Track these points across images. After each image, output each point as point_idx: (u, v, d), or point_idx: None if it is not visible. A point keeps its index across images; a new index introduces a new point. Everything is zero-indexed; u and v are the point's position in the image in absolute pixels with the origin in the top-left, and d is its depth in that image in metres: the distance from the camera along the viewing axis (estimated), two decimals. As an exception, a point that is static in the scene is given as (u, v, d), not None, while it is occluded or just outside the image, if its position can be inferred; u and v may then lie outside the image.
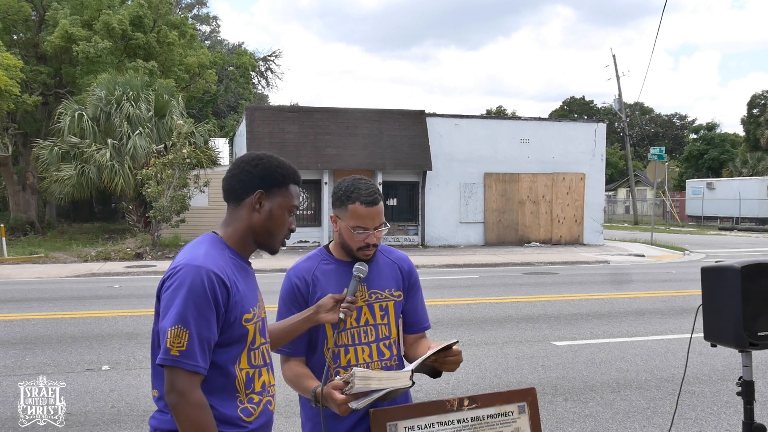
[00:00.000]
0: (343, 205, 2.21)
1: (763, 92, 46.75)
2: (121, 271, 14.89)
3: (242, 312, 1.83)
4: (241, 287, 1.85)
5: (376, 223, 2.21)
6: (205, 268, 1.76)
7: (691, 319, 2.76)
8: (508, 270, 15.76)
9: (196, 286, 1.73)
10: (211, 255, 1.82)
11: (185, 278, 1.74)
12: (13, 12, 24.06)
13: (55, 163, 19.63)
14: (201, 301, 1.73)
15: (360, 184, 2.23)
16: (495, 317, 9.22)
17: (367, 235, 2.20)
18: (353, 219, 2.18)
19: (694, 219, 38.87)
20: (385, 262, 2.35)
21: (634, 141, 57.09)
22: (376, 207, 2.20)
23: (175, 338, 1.70)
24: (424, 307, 2.46)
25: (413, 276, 2.41)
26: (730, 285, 2.52)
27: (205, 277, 1.74)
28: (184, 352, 1.70)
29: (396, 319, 2.34)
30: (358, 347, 2.23)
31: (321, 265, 2.28)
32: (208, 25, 45.45)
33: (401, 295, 2.35)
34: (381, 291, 2.29)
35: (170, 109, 20.49)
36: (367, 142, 20.61)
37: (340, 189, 2.24)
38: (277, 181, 1.92)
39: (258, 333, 1.90)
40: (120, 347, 7.29)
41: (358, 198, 2.18)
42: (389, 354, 2.29)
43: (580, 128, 22.85)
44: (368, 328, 2.26)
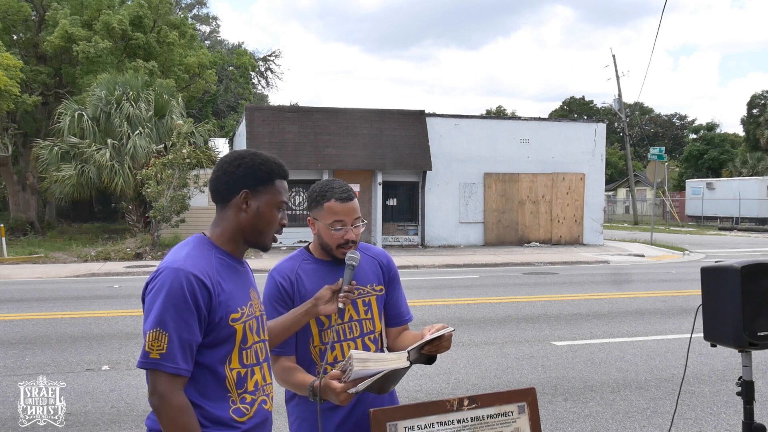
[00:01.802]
0: (319, 204, 2.26)
1: (762, 92, 46.78)
2: (121, 271, 14.88)
3: (228, 312, 1.81)
4: (228, 287, 1.84)
5: (352, 218, 2.25)
6: (185, 270, 1.75)
7: (691, 319, 2.76)
8: (508, 270, 15.76)
9: (175, 288, 1.73)
10: (192, 256, 1.81)
11: (165, 281, 1.75)
12: (13, 12, 24.06)
13: (54, 163, 19.62)
14: (180, 303, 1.73)
15: (333, 183, 2.28)
16: (495, 317, 9.22)
17: (346, 231, 2.24)
18: (330, 216, 2.23)
19: (693, 219, 38.89)
20: (364, 259, 2.39)
21: (634, 141, 57.09)
22: (351, 203, 2.25)
23: (154, 341, 1.71)
24: (405, 300, 2.52)
25: (392, 270, 2.47)
26: (730, 285, 2.52)
27: (184, 279, 1.74)
28: (164, 355, 1.70)
29: (379, 314, 2.39)
30: (344, 343, 2.27)
31: (303, 264, 2.32)
32: (208, 25, 45.46)
33: (383, 290, 2.40)
34: (363, 286, 2.34)
35: (170, 109, 20.51)
36: (367, 142, 20.62)
37: (314, 191, 2.30)
38: (262, 179, 1.90)
39: (250, 331, 1.88)
40: (120, 347, 7.29)
41: (332, 195, 2.23)
42: (374, 348, 2.34)
43: (580, 128, 22.85)
44: (353, 323, 2.30)
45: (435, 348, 2.10)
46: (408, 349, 2.07)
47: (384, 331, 2.45)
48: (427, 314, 9.10)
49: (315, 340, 2.26)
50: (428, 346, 2.08)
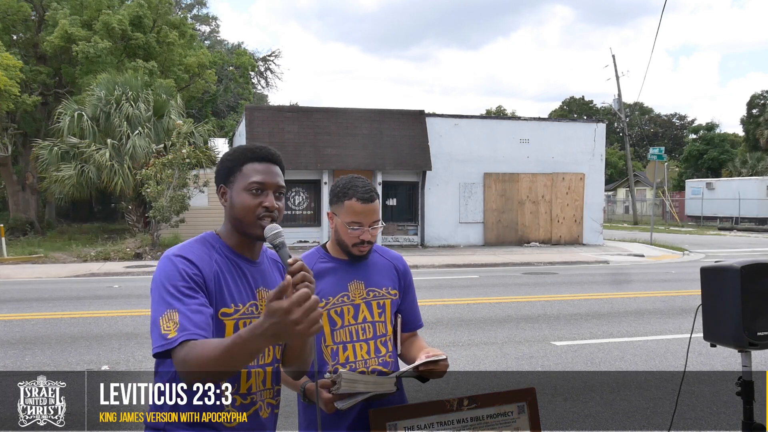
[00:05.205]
0: (340, 201, 2.26)
1: (762, 92, 46.77)
2: (121, 271, 14.88)
3: (221, 305, 1.79)
4: (226, 281, 1.82)
5: (371, 220, 2.25)
6: (174, 254, 1.79)
7: (691, 319, 2.76)
8: (508, 270, 15.76)
9: (169, 270, 1.76)
10: (188, 246, 1.84)
11: (160, 268, 1.78)
12: (12, 12, 24.06)
13: (54, 163, 19.61)
14: (179, 282, 1.74)
15: (357, 181, 2.27)
16: (494, 317, 9.22)
17: (362, 231, 2.24)
18: (349, 215, 2.23)
19: (693, 219, 38.88)
20: (381, 261, 2.39)
21: (634, 141, 57.09)
22: (372, 204, 2.25)
23: (168, 321, 1.68)
24: (418, 307, 2.53)
25: (408, 276, 2.47)
26: (730, 285, 2.52)
27: (175, 259, 1.77)
28: (180, 329, 1.66)
29: (392, 317, 2.38)
30: (356, 344, 2.27)
31: (318, 264, 2.31)
32: (208, 25, 45.47)
33: (397, 294, 2.40)
34: (378, 289, 2.34)
35: (168, 109, 20.50)
36: (367, 142, 20.62)
37: (337, 186, 2.29)
38: (230, 169, 1.89)
39: None
40: (120, 347, 7.29)
41: (354, 194, 2.23)
42: (385, 351, 2.33)
43: (580, 128, 22.85)
44: (366, 325, 2.29)
45: (428, 372, 2.13)
46: (396, 374, 2.11)
47: (398, 335, 2.44)
48: (427, 314, 9.07)
49: (327, 339, 2.25)
50: (422, 366, 2.11)
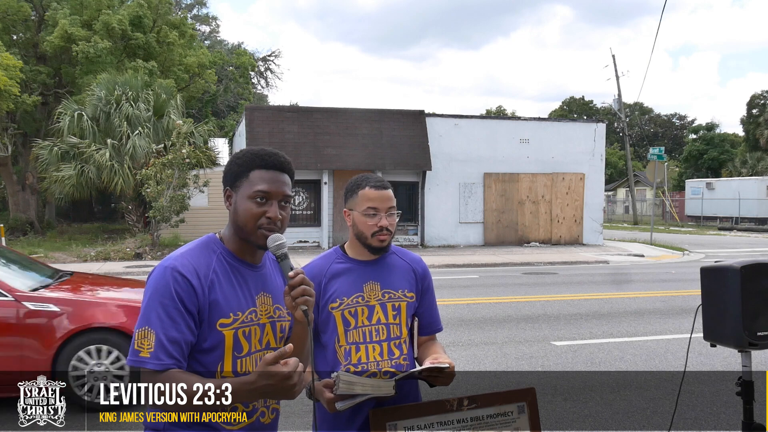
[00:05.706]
0: (354, 193, 2.30)
1: (762, 92, 46.75)
2: (121, 271, 14.88)
3: (218, 315, 1.76)
4: (224, 290, 1.78)
5: (386, 206, 2.27)
6: (171, 267, 1.73)
7: (691, 319, 2.76)
8: (508, 270, 15.76)
9: (161, 286, 1.72)
10: (187, 255, 1.79)
11: (152, 279, 1.74)
12: (12, 12, 24.05)
13: (54, 163, 19.61)
14: (166, 301, 1.70)
15: (369, 175, 2.35)
16: (494, 317, 9.22)
17: (380, 217, 2.25)
18: (364, 202, 2.26)
19: (693, 219, 38.88)
20: (399, 263, 2.39)
21: (634, 141, 57.11)
22: (386, 191, 2.28)
23: (143, 339, 1.67)
24: (437, 310, 2.49)
25: (427, 279, 2.45)
26: (730, 285, 2.52)
27: (170, 276, 1.72)
28: (153, 353, 1.67)
29: (408, 320, 2.36)
30: (369, 345, 2.26)
31: (334, 264, 2.32)
32: (208, 25, 45.46)
33: (414, 297, 2.37)
34: (394, 291, 2.32)
35: (168, 109, 20.49)
36: (367, 142, 20.62)
37: (350, 183, 2.35)
38: (237, 173, 1.84)
39: (245, 339, 1.80)
40: (119, 347, 7.28)
41: (367, 184, 2.28)
42: (399, 353, 2.31)
43: (580, 128, 22.85)
44: (380, 326, 2.29)
45: (432, 378, 2.15)
46: (396, 378, 2.11)
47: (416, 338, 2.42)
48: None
49: (340, 339, 2.25)
50: (427, 371, 2.12)
